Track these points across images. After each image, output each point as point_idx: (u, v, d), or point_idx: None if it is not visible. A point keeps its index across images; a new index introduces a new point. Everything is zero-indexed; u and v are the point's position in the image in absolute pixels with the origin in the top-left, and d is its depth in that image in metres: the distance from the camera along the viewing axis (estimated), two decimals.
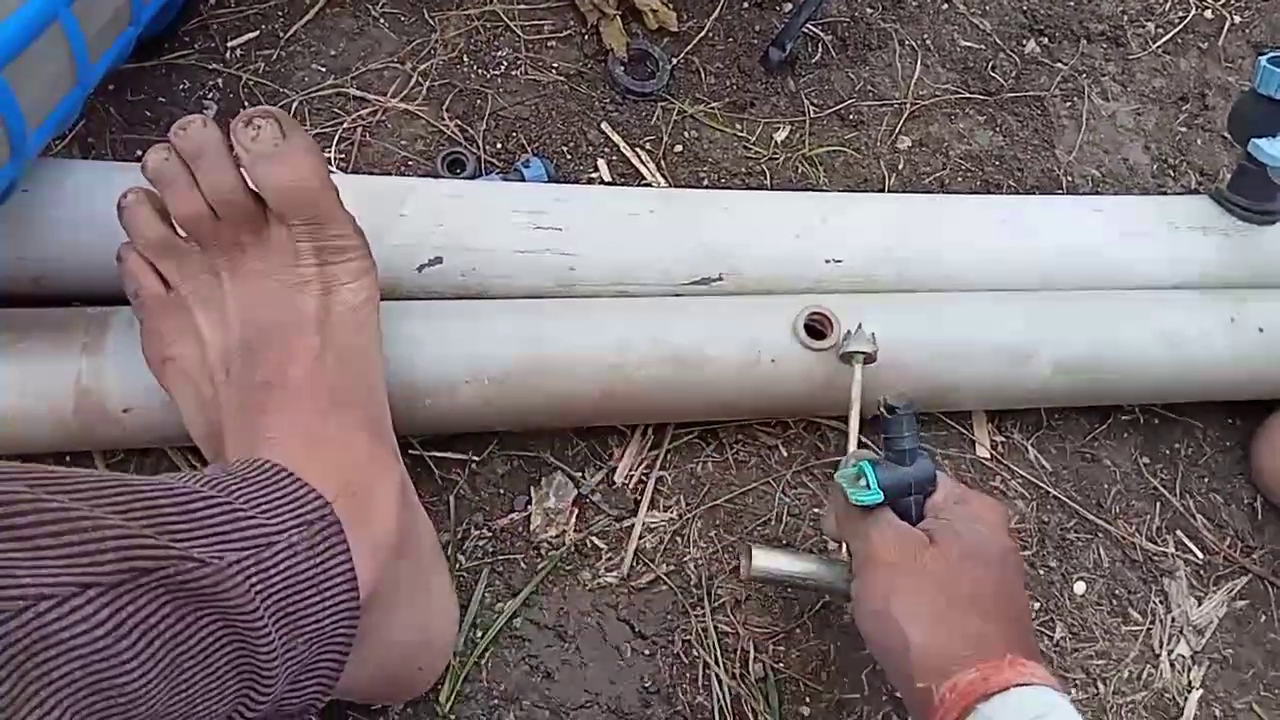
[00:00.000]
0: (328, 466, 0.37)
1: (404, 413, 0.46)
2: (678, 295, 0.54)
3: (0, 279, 0.46)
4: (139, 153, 0.57)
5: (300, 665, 0.34)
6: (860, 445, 0.48)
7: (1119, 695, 0.53)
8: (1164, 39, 0.78)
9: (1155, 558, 0.59)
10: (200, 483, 0.34)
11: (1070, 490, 0.60)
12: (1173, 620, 0.56)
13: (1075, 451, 0.61)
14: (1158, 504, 0.60)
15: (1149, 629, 0.56)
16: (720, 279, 0.55)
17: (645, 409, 0.51)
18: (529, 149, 0.64)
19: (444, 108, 0.63)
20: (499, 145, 0.63)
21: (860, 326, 0.49)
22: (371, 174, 0.61)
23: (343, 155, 0.61)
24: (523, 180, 0.60)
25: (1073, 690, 0.53)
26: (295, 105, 0.61)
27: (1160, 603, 0.57)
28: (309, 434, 0.38)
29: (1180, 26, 0.78)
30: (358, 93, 0.63)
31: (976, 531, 0.42)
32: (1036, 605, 0.55)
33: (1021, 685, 0.36)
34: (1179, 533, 0.60)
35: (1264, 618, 0.58)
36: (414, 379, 0.46)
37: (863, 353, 0.48)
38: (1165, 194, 0.72)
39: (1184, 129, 0.75)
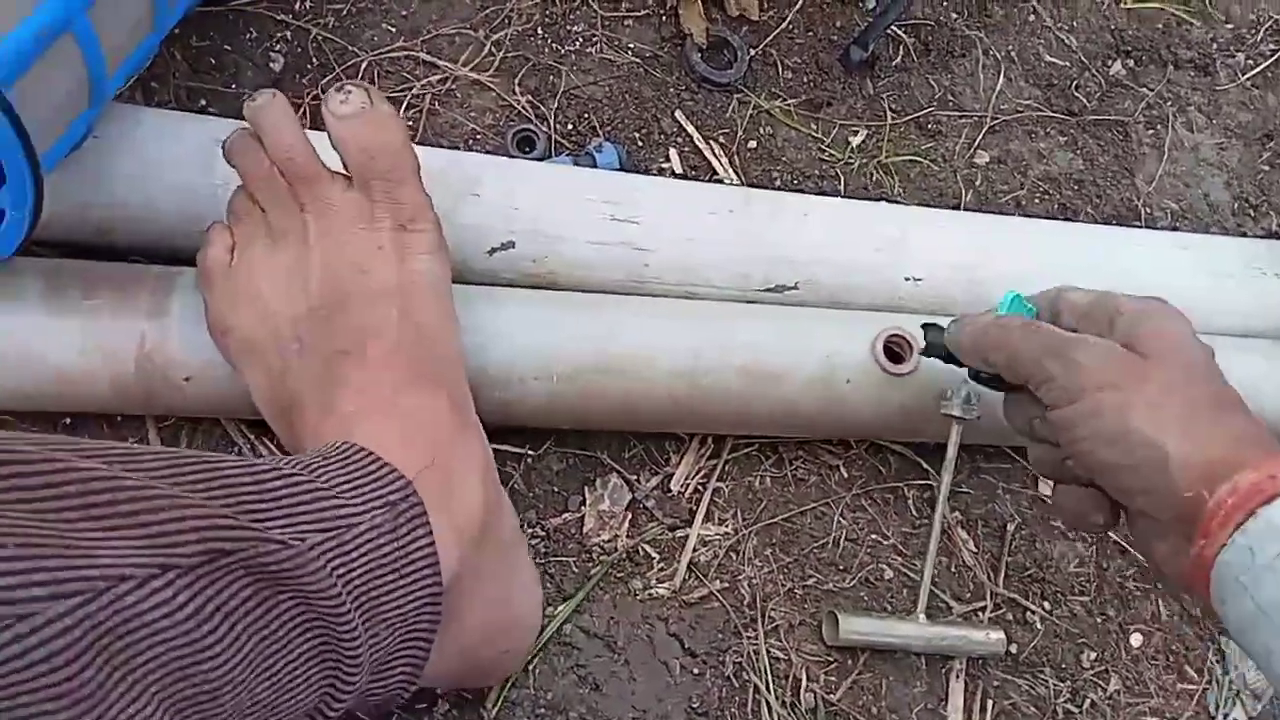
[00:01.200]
0: (411, 441, 0.36)
1: None
2: (749, 302, 0.52)
3: (64, 227, 0.44)
4: (203, 101, 0.55)
5: (384, 652, 0.33)
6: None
7: None
8: (1253, 72, 0.75)
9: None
10: (280, 461, 0.32)
11: (1129, 537, 0.58)
12: (1229, 682, 0.55)
13: None
14: None
15: (1204, 689, 0.54)
16: (795, 288, 0.52)
17: (711, 418, 0.49)
18: (600, 132, 0.61)
19: (516, 81, 0.61)
20: (570, 126, 0.61)
21: (964, 389, 0.46)
22: (440, 145, 0.58)
23: (410, 123, 0.58)
24: (594, 165, 0.57)
25: None
26: (364, 65, 0.58)
27: (1217, 662, 0.55)
28: (391, 407, 0.37)
29: (1271, 60, 0.76)
30: (428, 57, 0.60)
31: (1185, 340, 0.37)
32: (1092, 655, 0.53)
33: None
34: None
35: None
36: (483, 368, 0.44)
37: (963, 419, 0.47)
38: (1245, 234, 0.70)
39: (1267, 168, 0.73)
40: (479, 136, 0.59)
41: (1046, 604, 0.54)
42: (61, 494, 0.25)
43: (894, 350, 0.49)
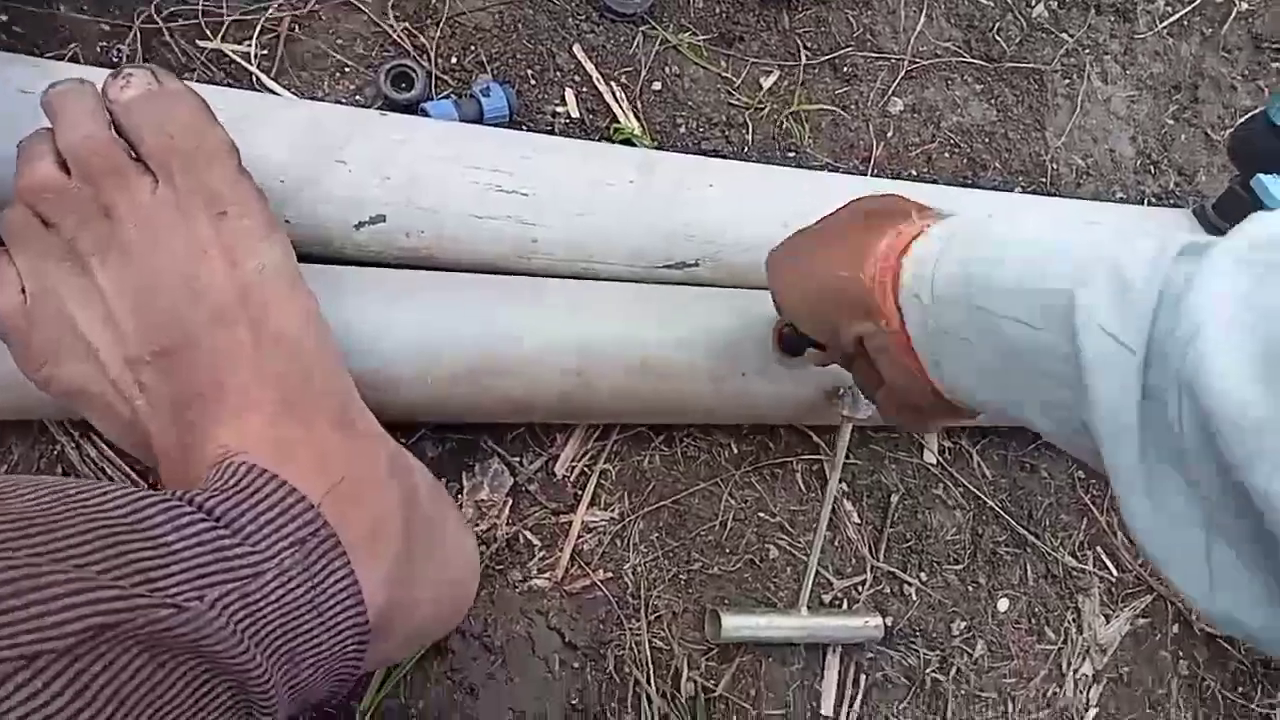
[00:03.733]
0: (306, 471, 0.32)
1: None
2: (646, 281, 0.49)
3: None
4: (3, 18, 0.46)
5: (305, 689, 0.31)
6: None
7: (1024, 714, 0.55)
8: (1170, 19, 0.73)
9: (1075, 574, 0.60)
10: (176, 499, 0.29)
11: (1006, 501, 0.60)
12: (1083, 640, 0.58)
13: (1016, 460, 0.61)
14: (1084, 519, 0.61)
15: (1060, 648, 0.57)
16: (696, 265, 0.49)
17: (603, 414, 0.47)
18: (488, 69, 0.55)
19: (390, 3, 0.53)
20: (454, 59, 0.54)
21: (853, 391, 0.45)
22: (299, 78, 0.51)
23: (265, 51, 0.51)
24: (480, 110, 0.52)
25: (985, 711, 0.55)
26: None
27: (1074, 621, 0.58)
28: (271, 444, 0.32)
29: (1189, 8, 0.73)
30: None
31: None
32: (963, 624, 0.56)
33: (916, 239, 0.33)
34: (1099, 549, 0.61)
35: (1159, 635, 0.61)
36: (352, 369, 0.40)
37: (853, 417, 0.45)
38: (1144, 191, 0.70)
39: (1171, 121, 0.72)
40: (346, 70, 0.52)
41: (923, 575, 0.56)
42: None
43: (791, 340, 0.47)
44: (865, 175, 0.62)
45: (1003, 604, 0.57)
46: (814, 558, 0.48)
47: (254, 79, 0.50)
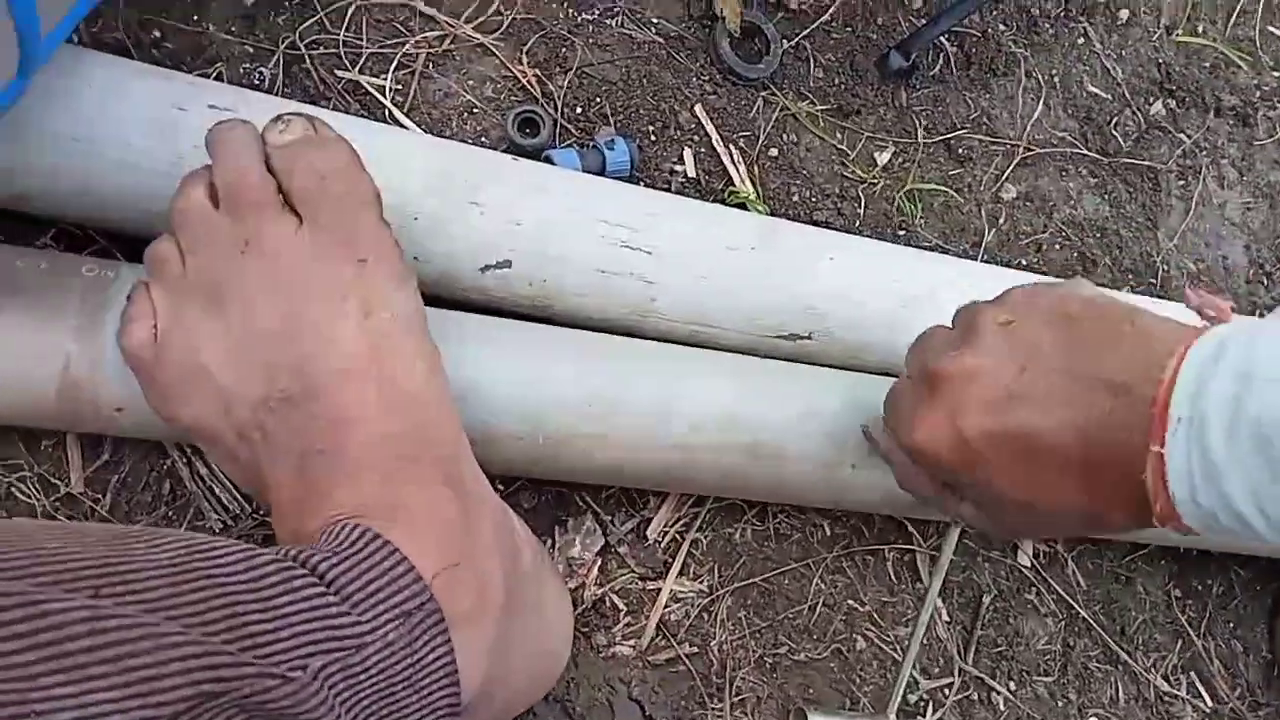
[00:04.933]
0: (419, 538, 0.31)
1: None
2: (758, 350, 0.48)
3: None
4: (157, 34, 0.47)
5: None
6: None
7: None
8: None
9: (1166, 699, 0.57)
10: (288, 559, 0.28)
11: (1099, 613, 0.57)
12: None
13: (1111, 571, 0.58)
14: (1179, 641, 0.58)
15: None
16: (809, 338, 0.48)
17: (704, 487, 0.46)
18: (611, 121, 0.55)
19: (524, 49, 0.54)
20: (579, 109, 0.54)
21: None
22: (429, 115, 0.51)
23: (399, 86, 0.51)
24: (603, 162, 0.52)
25: None
26: (351, 10, 0.51)
27: None
28: (388, 507, 0.31)
29: None
30: (426, 9, 0.52)
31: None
32: None
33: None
34: (1193, 675, 0.58)
35: None
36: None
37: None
38: (1255, 302, 0.68)
39: None
40: (476, 111, 0.52)
41: (1012, 684, 0.53)
42: (34, 643, 0.21)
43: None
44: (976, 260, 0.60)
45: None
46: (907, 665, 0.46)
47: (387, 112, 0.50)
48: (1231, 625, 0.60)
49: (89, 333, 0.34)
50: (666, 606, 0.47)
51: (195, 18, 0.48)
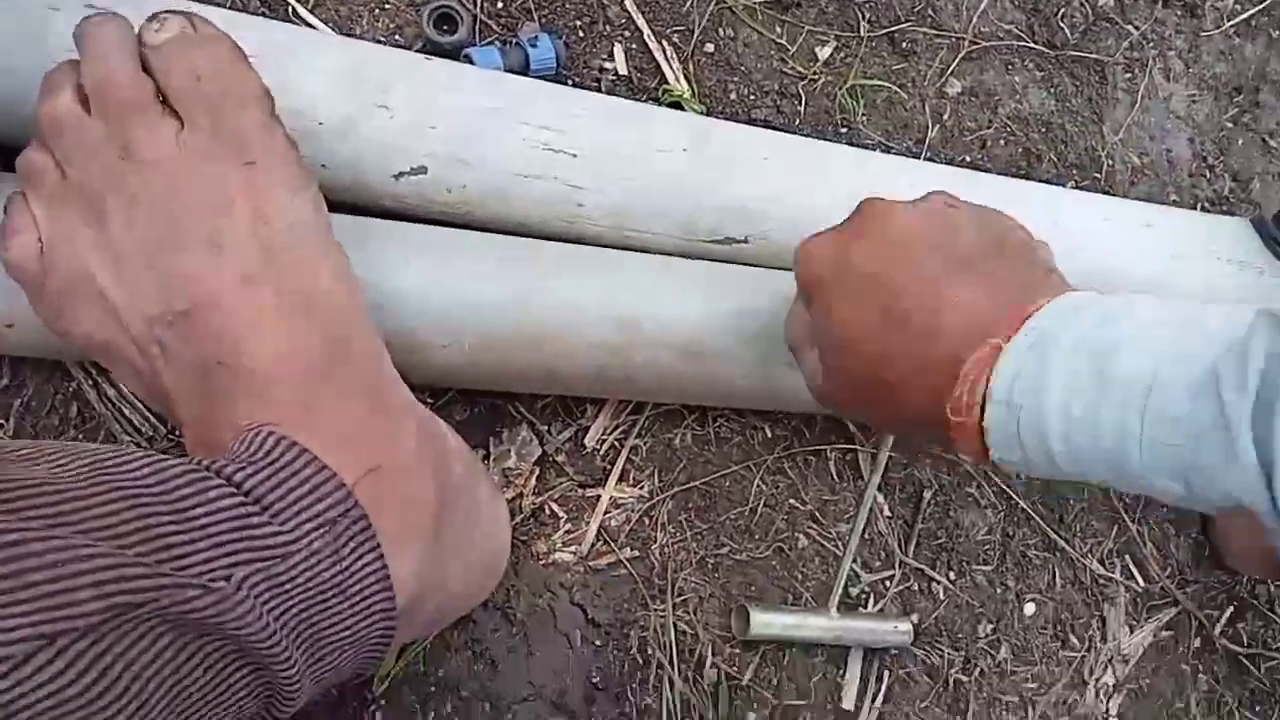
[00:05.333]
0: (334, 445, 0.30)
1: None
2: (691, 255, 0.47)
3: None
4: None
5: (331, 671, 0.29)
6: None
7: None
8: (1239, 18, 0.70)
9: (1101, 581, 0.58)
10: (201, 468, 0.27)
11: (1038, 503, 0.58)
12: (1106, 649, 0.57)
13: None
14: (1115, 526, 0.60)
15: (1083, 656, 0.56)
16: (745, 241, 0.47)
17: (640, 392, 0.45)
18: (535, 16, 0.52)
19: None
20: (499, 4, 0.52)
21: None
22: (336, 15, 0.49)
23: None
24: (527, 60, 0.49)
25: (1005, 715, 0.53)
26: None
27: (1099, 629, 0.57)
28: (298, 416, 0.30)
29: (1258, 8, 0.71)
30: None
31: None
32: (989, 626, 0.54)
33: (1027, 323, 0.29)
34: (1128, 558, 0.60)
35: (1181, 649, 0.60)
36: (380, 331, 0.38)
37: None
38: (1198, 195, 0.68)
39: (1230, 125, 0.70)
40: (387, 8, 0.49)
41: (952, 573, 0.54)
42: None
43: None
44: (919, 159, 0.59)
45: (1029, 608, 0.56)
46: (847, 559, 0.47)
47: (289, 9, 0.47)
48: (1164, 508, 0.61)
49: None
50: (607, 513, 0.47)
51: None
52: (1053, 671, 0.55)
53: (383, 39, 0.49)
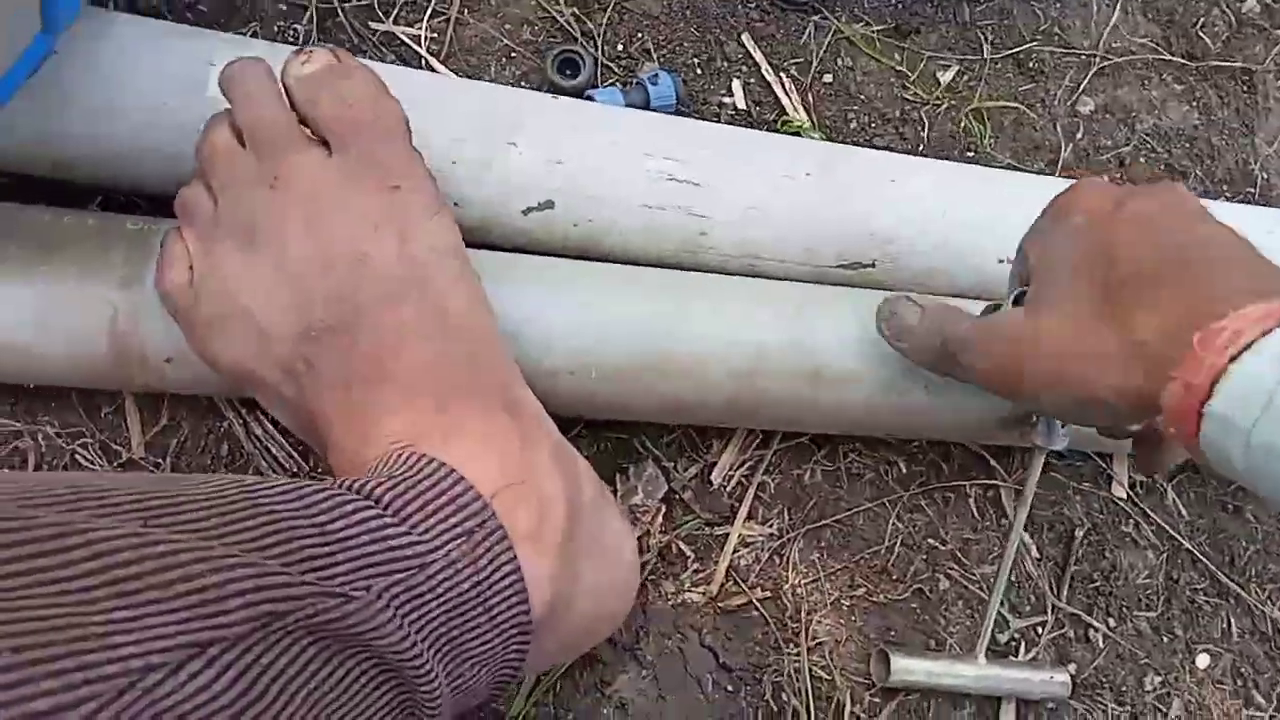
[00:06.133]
0: (476, 458, 0.31)
1: None
2: (817, 281, 0.45)
3: (15, 155, 0.37)
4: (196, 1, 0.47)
5: (468, 688, 0.29)
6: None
7: None
8: None
9: None
10: (342, 489, 0.28)
11: (1205, 544, 0.53)
12: None
13: (1216, 500, 0.54)
14: None
15: (1272, 716, 0.50)
16: (872, 266, 0.46)
17: (768, 420, 0.44)
18: (655, 56, 0.53)
19: None
20: (620, 46, 0.53)
21: (1055, 420, 0.41)
22: (467, 62, 0.50)
23: (435, 34, 0.50)
24: (647, 98, 0.50)
25: None
26: None
27: None
28: (441, 428, 0.31)
29: None
30: None
31: (1055, 238, 0.32)
32: (1156, 679, 0.50)
33: (1236, 359, 0.25)
34: None
35: None
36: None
37: (1046, 448, 0.41)
38: None
39: None
40: (513, 55, 0.51)
41: (1111, 620, 0.50)
42: (79, 571, 0.21)
43: None
44: (1053, 177, 0.56)
45: (1202, 660, 0.51)
46: (995, 601, 0.43)
47: (423, 62, 0.49)
48: None
49: (135, 284, 0.34)
50: (736, 552, 0.46)
51: None
52: None
53: (509, 86, 0.50)
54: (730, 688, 0.44)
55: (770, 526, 0.47)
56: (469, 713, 0.39)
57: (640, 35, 0.53)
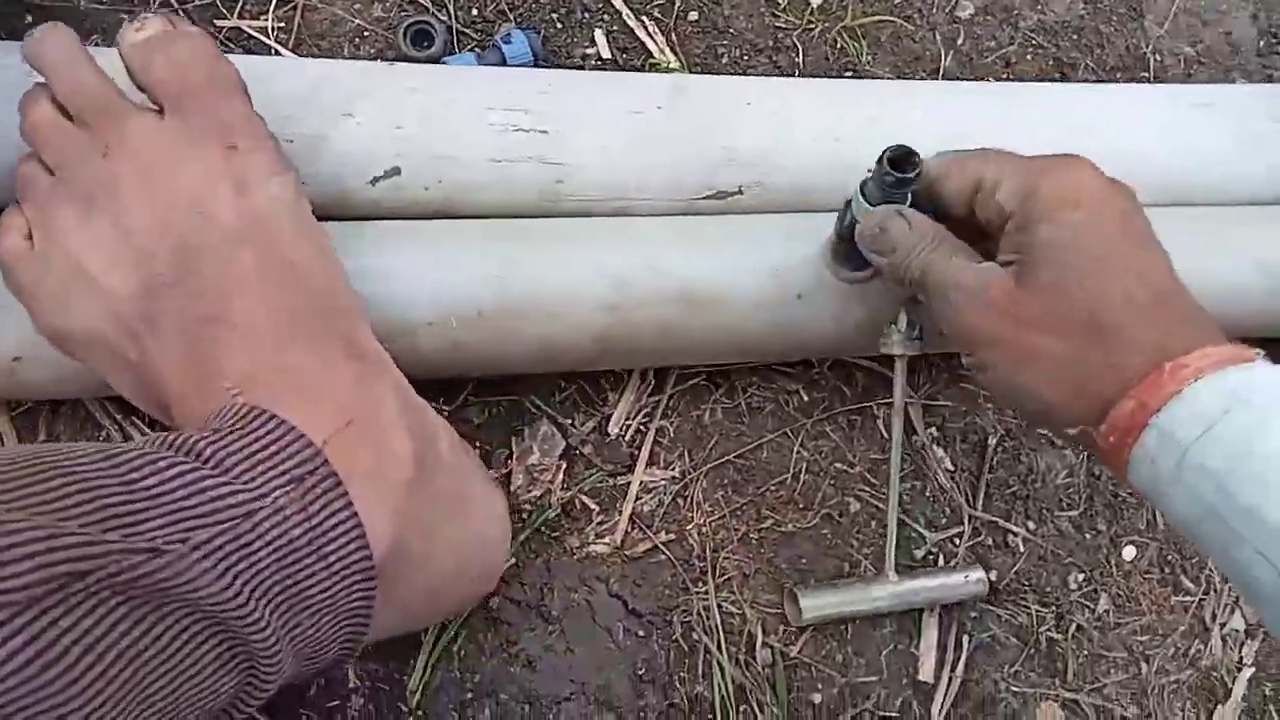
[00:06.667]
0: (313, 400, 0.31)
1: None
2: (686, 214, 0.45)
3: None
4: (29, 19, 0.47)
5: (311, 639, 0.29)
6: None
7: (1162, 675, 0.48)
8: None
9: None
10: (157, 445, 0.28)
11: None
12: (1228, 589, 0.50)
13: None
14: None
15: (1201, 600, 0.50)
16: (739, 193, 0.45)
17: (646, 354, 0.43)
18: (511, 16, 0.52)
19: None
20: (474, 11, 0.52)
21: (903, 319, 0.40)
22: (317, 48, 0.50)
23: (282, 24, 0.49)
24: (503, 59, 0.49)
25: (1112, 672, 0.48)
26: None
27: (1216, 570, 0.51)
28: (279, 369, 0.31)
29: None
30: None
31: (1064, 229, 0.33)
32: (1080, 576, 0.49)
33: (1187, 387, 0.29)
34: None
35: None
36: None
37: (905, 354, 0.41)
38: (1272, 75, 0.61)
39: None
40: (366, 34, 0.50)
41: (1030, 523, 0.50)
42: None
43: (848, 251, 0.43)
44: (916, 81, 0.55)
45: (1128, 552, 0.50)
46: (892, 516, 0.43)
47: (273, 53, 0.49)
48: None
49: None
50: (639, 499, 0.46)
51: None
52: (1166, 620, 0.50)
53: None
54: (641, 633, 0.44)
55: (672, 470, 0.47)
56: (365, 684, 0.39)
57: None
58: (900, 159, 0.35)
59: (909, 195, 0.36)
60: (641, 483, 0.46)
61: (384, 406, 0.33)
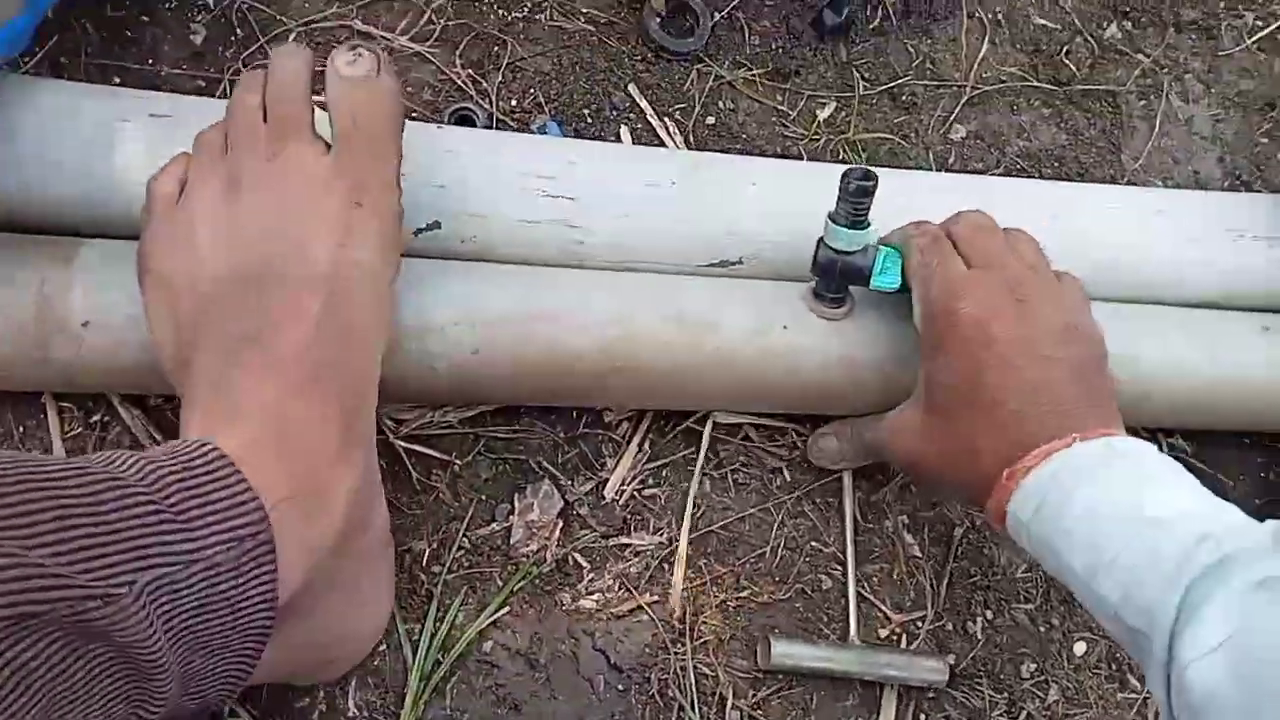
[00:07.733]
0: (286, 457, 0.34)
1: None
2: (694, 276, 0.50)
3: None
4: (117, 80, 0.52)
5: (199, 677, 0.31)
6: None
7: None
8: (1261, 34, 0.70)
9: None
10: (131, 466, 0.30)
11: None
12: None
13: None
14: None
15: (1145, 698, 0.53)
16: (740, 263, 0.50)
17: (645, 369, 0.46)
18: (546, 109, 0.58)
19: (457, 53, 0.57)
20: (514, 102, 0.57)
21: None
22: None
23: None
24: None
25: None
26: (292, 36, 0.55)
27: None
28: (275, 414, 0.34)
29: None
30: (363, 27, 0.56)
31: (938, 369, 0.43)
32: (1033, 666, 0.53)
33: (1020, 481, 0.39)
34: None
35: None
36: (398, 319, 0.42)
37: None
38: None
39: (1265, 140, 0.69)
40: (415, 116, 0.55)
41: (989, 612, 0.53)
42: None
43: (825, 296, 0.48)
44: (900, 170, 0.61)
45: (1079, 647, 0.54)
46: (851, 580, 0.47)
47: None
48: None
49: (63, 259, 0.40)
50: (627, 560, 0.49)
51: (150, 60, 0.53)
52: (1111, 715, 0.53)
53: None
54: (621, 687, 0.47)
55: (660, 535, 0.50)
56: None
57: (533, 91, 0.57)
58: (861, 171, 0.44)
59: (869, 206, 0.44)
60: (631, 545, 0.50)
61: (342, 488, 0.35)
